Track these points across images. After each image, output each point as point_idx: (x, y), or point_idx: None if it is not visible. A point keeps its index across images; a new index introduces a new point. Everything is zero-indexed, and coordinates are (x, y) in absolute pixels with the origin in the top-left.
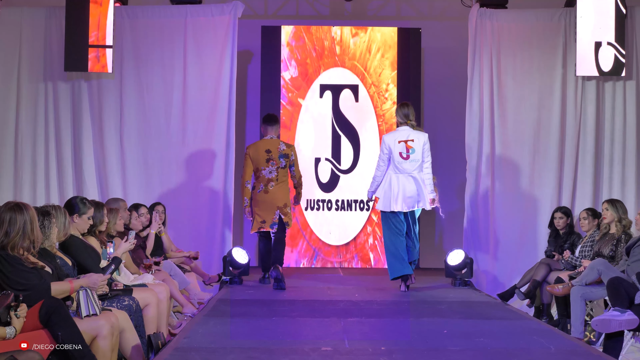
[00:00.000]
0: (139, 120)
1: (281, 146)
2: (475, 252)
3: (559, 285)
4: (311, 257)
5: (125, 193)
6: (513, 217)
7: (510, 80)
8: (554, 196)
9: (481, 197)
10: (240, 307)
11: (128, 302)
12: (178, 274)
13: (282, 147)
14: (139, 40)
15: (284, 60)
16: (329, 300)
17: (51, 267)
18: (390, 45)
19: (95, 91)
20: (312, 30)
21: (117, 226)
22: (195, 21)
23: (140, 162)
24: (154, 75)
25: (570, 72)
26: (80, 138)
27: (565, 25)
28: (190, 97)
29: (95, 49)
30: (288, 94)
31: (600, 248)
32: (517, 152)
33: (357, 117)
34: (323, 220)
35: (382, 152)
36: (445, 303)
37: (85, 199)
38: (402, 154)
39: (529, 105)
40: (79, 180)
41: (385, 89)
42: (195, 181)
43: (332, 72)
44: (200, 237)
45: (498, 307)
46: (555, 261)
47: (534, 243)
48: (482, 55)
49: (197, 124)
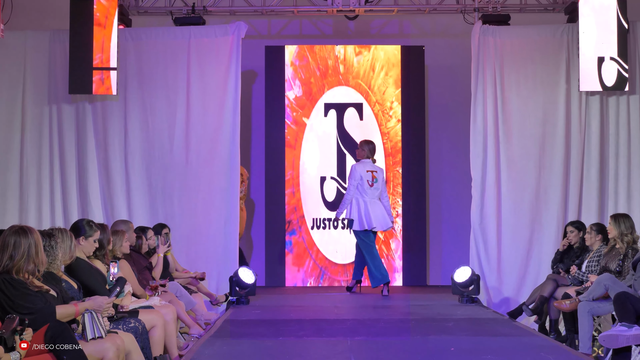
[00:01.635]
0: (143, 141)
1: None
2: (482, 269)
3: (567, 300)
4: (318, 276)
5: (130, 215)
6: (519, 232)
7: (514, 96)
8: (560, 211)
9: (487, 213)
10: (247, 327)
11: (134, 324)
12: (184, 295)
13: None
14: (143, 62)
15: (288, 79)
16: (336, 319)
17: (56, 291)
18: (393, 63)
19: (100, 113)
20: (315, 50)
21: (123, 248)
22: (199, 42)
23: (145, 184)
24: (157, 96)
25: (573, 87)
26: (85, 160)
27: (568, 40)
28: (194, 117)
29: (99, 71)
30: (292, 113)
31: (607, 263)
32: (523, 167)
33: (362, 135)
34: (329, 239)
35: (354, 179)
36: (452, 320)
37: (92, 222)
38: (369, 182)
39: (533, 120)
40: (84, 202)
41: (389, 106)
42: (200, 202)
43: (336, 90)
44: (206, 258)
45: (505, 324)
46: (562, 277)
47: (541, 258)
48: (486, 71)
49: (201, 145)
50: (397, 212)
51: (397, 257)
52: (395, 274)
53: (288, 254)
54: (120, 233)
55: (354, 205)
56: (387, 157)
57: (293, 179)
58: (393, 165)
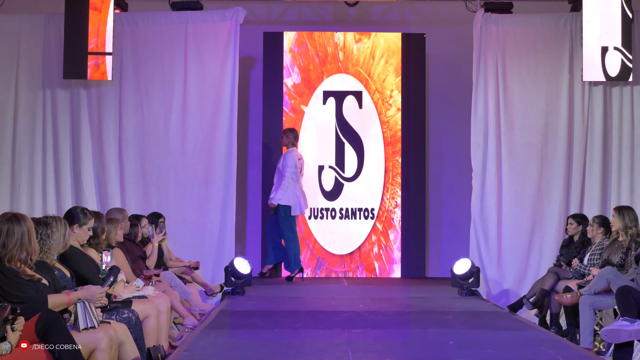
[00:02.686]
0: (138, 128)
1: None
2: (482, 261)
3: (568, 294)
4: (315, 267)
5: (124, 203)
6: (520, 224)
7: (516, 85)
8: (562, 203)
9: (487, 204)
10: (242, 318)
11: (127, 315)
12: (179, 284)
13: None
14: (139, 47)
15: (286, 66)
16: (333, 311)
17: (48, 280)
18: (394, 51)
19: (95, 99)
20: (314, 36)
21: (118, 237)
22: (196, 27)
23: (139, 171)
24: (153, 82)
25: (577, 77)
26: (79, 147)
27: (572, 30)
28: (191, 104)
29: (94, 56)
30: (291, 100)
31: (610, 256)
32: (524, 158)
33: (361, 123)
34: (327, 229)
35: (290, 167)
36: (451, 313)
37: (86, 210)
38: (300, 169)
39: (535, 110)
40: (77, 190)
41: (389, 95)
42: (196, 190)
43: (336, 78)
44: (202, 247)
45: (505, 317)
46: (564, 270)
47: (542, 251)
48: (488, 60)
49: (198, 132)
50: (396, 202)
51: (395, 248)
52: (394, 265)
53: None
54: (114, 221)
55: (290, 192)
56: (387, 147)
57: None
58: (392, 154)
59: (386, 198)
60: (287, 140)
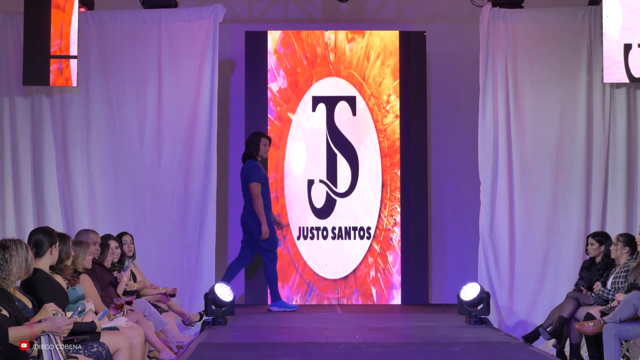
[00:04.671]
0: (109, 140)
1: None
2: (493, 285)
3: (589, 322)
4: (305, 293)
5: (93, 223)
6: (534, 244)
7: (527, 89)
8: (580, 220)
9: (498, 221)
10: (225, 351)
11: (97, 349)
12: (154, 314)
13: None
14: (108, 50)
15: (271, 69)
16: (326, 343)
17: (9, 310)
18: (391, 51)
19: (58, 108)
20: (302, 36)
21: (86, 262)
22: (171, 27)
23: (111, 188)
24: (124, 89)
25: (596, 78)
26: (41, 161)
27: (590, 25)
28: (166, 113)
29: (57, 60)
30: (276, 107)
31: (636, 279)
32: (538, 170)
33: (355, 132)
34: (318, 251)
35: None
36: (459, 344)
37: (50, 229)
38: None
39: (549, 117)
40: (39, 209)
41: (386, 100)
42: (173, 208)
43: (326, 82)
44: (180, 271)
45: (520, 348)
46: (585, 295)
47: (560, 274)
48: (496, 61)
49: (174, 143)
50: (395, 220)
51: (395, 271)
52: (394, 291)
53: None
54: (83, 245)
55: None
56: (384, 158)
57: (277, 182)
58: (390, 167)
59: (384, 215)
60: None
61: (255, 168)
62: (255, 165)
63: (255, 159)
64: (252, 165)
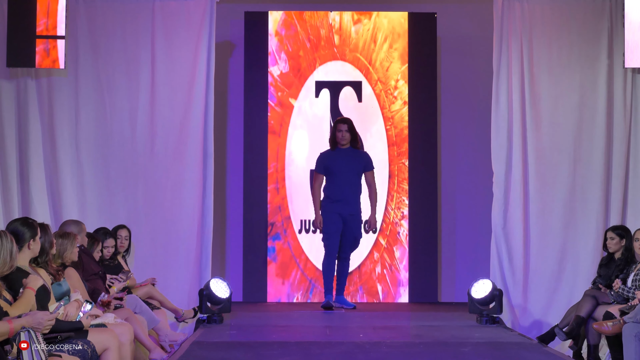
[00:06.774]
0: (99, 126)
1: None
2: (506, 282)
3: (608, 322)
4: (306, 290)
5: (82, 213)
6: (550, 239)
7: (544, 74)
8: (599, 214)
9: (511, 215)
10: (220, 351)
11: (82, 347)
12: (145, 311)
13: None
14: (98, 30)
15: (271, 52)
16: (328, 342)
17: None
18: (399, 34)
19: (45, 91)
20: (305, 17)
21: (73, 255)
22: (165, 5)
23: (101, 177)
24: (115, 71)
25: (617, 63)
26: (27, 148)
27: (611, 6)
28: (160, 97)
29: (44, 40)
30: (277, 93)
31: None
32: (554, 161)
33: (361, 119)
34: (320, 245)
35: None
36: (469, 344)
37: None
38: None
39: (567, 104)
40: (25, 198)
41: (394, 86)
42: (167, 199)
43: (330, 66)
44: (176, 266)
45: (534, 349)
46: (603, 293)
47: (577, 271)
48: (511, 44)
49: (169, 130)
50: (403, 213)
51: (402, 268)
52: (401, 288)
53: (270, 262)
54: (70, 236)
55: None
56: (391, 147)
57: (277, 172)
58: (398, 156)
59: (391, 208)
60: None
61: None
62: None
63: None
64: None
